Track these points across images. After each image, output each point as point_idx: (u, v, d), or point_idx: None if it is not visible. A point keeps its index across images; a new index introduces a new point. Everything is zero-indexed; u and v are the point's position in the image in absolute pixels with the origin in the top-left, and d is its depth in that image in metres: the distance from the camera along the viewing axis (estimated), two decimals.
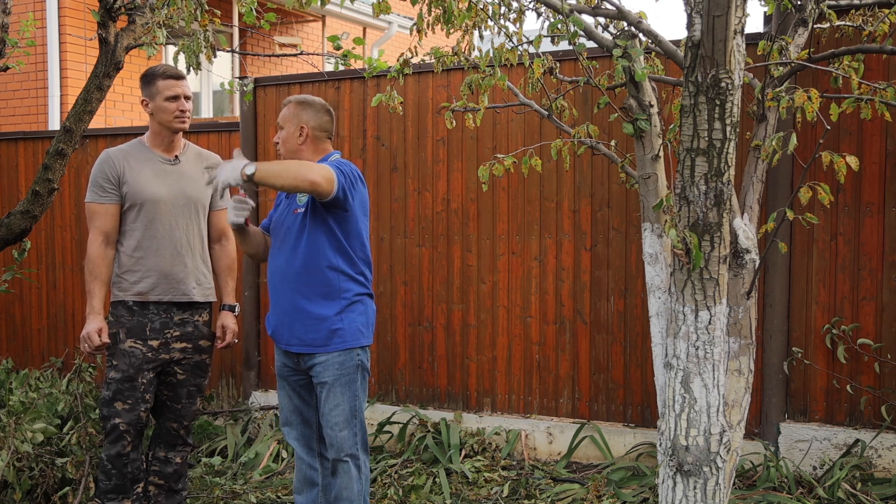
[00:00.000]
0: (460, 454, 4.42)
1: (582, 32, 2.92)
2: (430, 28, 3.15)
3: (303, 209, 3.06)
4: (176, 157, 3.43)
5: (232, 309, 3.56)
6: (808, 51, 3.12)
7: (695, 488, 2.51)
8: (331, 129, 3.23)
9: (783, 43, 3.14)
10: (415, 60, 3.52)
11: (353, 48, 3.64)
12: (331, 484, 3.11)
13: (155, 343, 3.33)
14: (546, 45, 3.23)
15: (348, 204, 3.01)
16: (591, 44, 3.15)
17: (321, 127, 3.18)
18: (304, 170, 2.85)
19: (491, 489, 4.06)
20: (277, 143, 3.20)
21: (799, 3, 3.21)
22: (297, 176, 2.83)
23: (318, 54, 4.80)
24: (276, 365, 3.23)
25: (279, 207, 3.25)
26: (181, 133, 3.45)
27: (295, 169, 2.86)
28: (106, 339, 3.29)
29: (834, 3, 3.41)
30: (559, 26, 2.92)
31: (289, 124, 3.16)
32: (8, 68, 4.63)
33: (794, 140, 2.74)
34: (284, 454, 4.57)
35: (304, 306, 3.04)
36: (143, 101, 3.39)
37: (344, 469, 3.05)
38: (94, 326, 3.28)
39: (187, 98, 3.38)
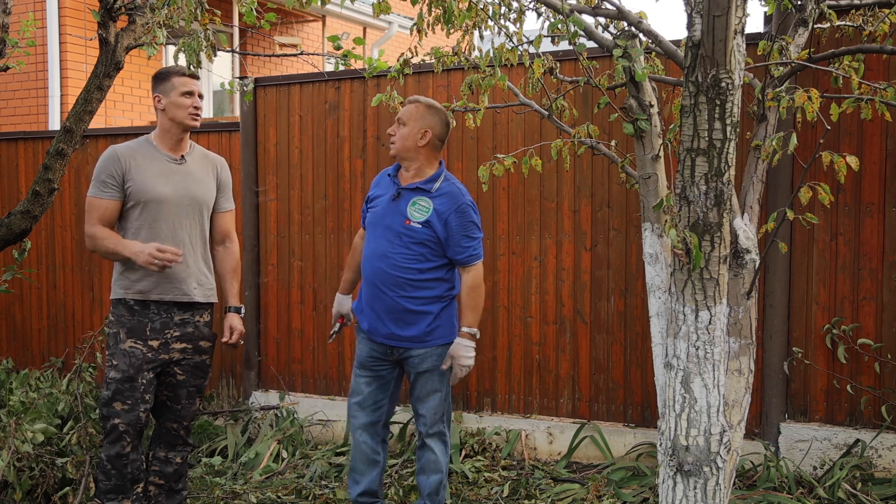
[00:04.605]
0: (460, 454, 4.41)
1: (582, 32, 2.92)
2: (431, 28, 3.15)
3: (419, 225, 3.24)
4: (182, 156, 3.42)
5: (238, 311, 3.56)
6: (808, 51, 3.12)
7: (695, 488, 2.51)
8: (445, 141, 3.40)
9: (783, 43, 3.14)
10: (415, 60, 3.53)
11: (353, 48, 3.65)
12: (419, 456, 3.46)
13: (155, 343, 3.32)
14: (546, 45, 3.23)
15: None
16: (591, 44, 3.15)
17: (441, 136, 3.35)
18: (482, 295, 3.33)
19: (491, 489, 4.06)
20: (392, 135, 3.31)
21: (799, 3, 3.21)
22: (483, 302, 3.34)
23: (318, 54, 4.80)
24: (361, 355, 3.44)
25: (380, 202, 3.38)
26: (189, 133, 3.45)
27: (481, 301, 3.32)
28: (163, 249, 3.21)
29: (834, 3, 3.41)
30: (559, 26, 2.92)
31: (414, 123, 3.28)
32: (8, 68, 4.64)
33: (794, 140, 2.74)
34: (284, 454, 4.57)
35: (408, 307, 3.28)
36: (156, 97, 3.38)
37: (434, 443, 3.40)
38: (143, 247, 3.20)
39: (200, 97, 3.41)
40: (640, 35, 2.90)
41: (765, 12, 4.01)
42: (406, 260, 3.26)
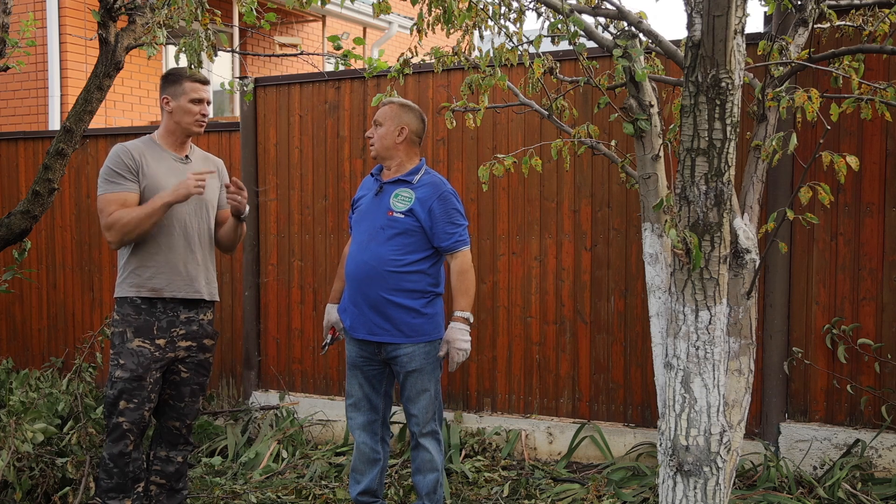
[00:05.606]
0: (460, 454, 4.42)
1: (582, 32, 2.92)
2: (430, 28, 3.15)
3: (402, 215, 3.29)
4: (186, 156, 3.44)
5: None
6: (808, 51, 3.12)
7: (695, 488, 2.51)
8: (423, 137, 3.47)
9: (783, 43, 3.14)
10: (415, 60, 3.53)
11: (354, 48, 3.65)
12: (413, 456, 3.46)
13: (162, 342, 3.32)
14: (546, 45, 3.23)
15: None
16: (591, 44, 3.15)
17: (418, 132, 3.44)
18: (472, 279, 3.34)
19: (491, 489, 4.06)
20: (371, 137, 3.41)
21: (799, 3, 3.21)
22: (473, 286, 3.36)
23: (318, 54, 4.80)
24: (350, 356, 3.46)
25: (364, 200, 3.45)
26: (191, 136, 3.45)
27: (472, 285, 3.34)
28: (196, 172, 3.23)
29: (834, 3, 3.41)
30: (559, 26, 2.92)
31: (389, 122, 3.38)
32: (8, 68, 4.64)
33: (794, 140, 2.74)
34: (284, 454, 4.57)
35: (390, 299, 3.28)
36: (164, 98, 3.36)
37: (428, 442, 3.41)
38: (179, 183, 3.22)
39: (208, 103, 3.42)
40: (640, 35, 2.89)
41: (765, 12, 4.01)
42: (388, 252, 3.29)
